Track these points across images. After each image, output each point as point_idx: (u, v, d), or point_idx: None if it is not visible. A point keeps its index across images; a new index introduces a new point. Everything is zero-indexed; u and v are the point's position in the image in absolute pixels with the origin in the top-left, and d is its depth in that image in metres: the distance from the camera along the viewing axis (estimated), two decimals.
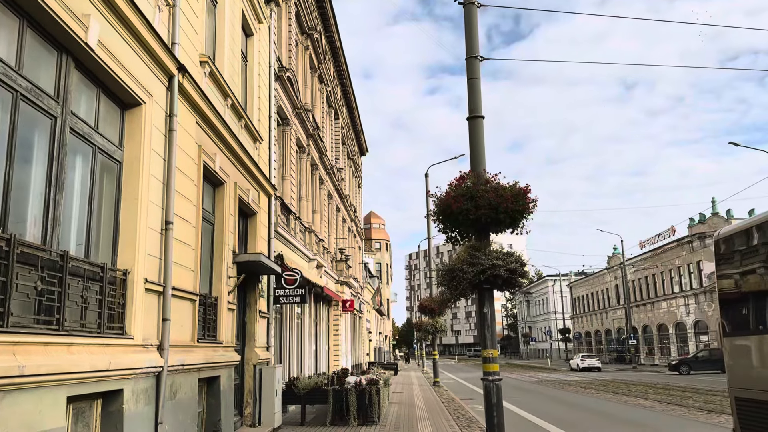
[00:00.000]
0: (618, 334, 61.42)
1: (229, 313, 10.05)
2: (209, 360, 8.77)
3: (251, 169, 11.41)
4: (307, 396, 12.92)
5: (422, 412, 15.86)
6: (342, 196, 26.87)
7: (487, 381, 8.55)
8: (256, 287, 11.93)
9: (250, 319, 11.78)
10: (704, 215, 44.62)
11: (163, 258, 7.22)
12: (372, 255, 62.50)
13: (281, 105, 15.02)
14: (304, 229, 17.65)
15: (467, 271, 8.44)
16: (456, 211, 8.46)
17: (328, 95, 23.83)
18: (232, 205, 10.31)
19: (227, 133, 9.76)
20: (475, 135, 9.16)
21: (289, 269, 13.54)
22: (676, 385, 25.88)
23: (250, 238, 12.05)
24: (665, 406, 16.92)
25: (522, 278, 8.77)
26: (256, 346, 11.73)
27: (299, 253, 16.39)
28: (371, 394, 12.92)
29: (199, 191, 8.59)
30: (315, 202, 19.97)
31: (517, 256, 8.68)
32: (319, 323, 20.86)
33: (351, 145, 32.51)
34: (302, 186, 17.96)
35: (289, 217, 15.53)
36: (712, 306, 43.35)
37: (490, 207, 8.37)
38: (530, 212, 8.71)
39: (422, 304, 28.21)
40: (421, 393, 22.46)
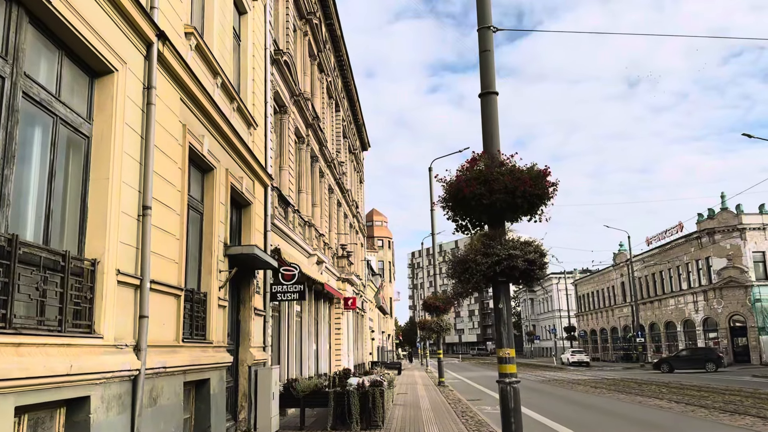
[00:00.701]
0: (624, 332, 60.53)
1: (220, 311, 9.24)
2: (197, 361, 7.96)
3: (245, 156, 10.61)
4: (307, 399, 12.11)
5: (428, 415, 15.04)
6: (343, 190, 26.05)
7: (503, 384, 7.72)
8: (250, 283, 11.12)
9: (245, 317, 10.97)
10: (713, 210, 43.70)
11: (139, 247, 6.41)
12: (374, 253, 61.69)
13: (278, 91, 14.21)
14: (303, 222, 16.84)
15: (481, 262, 7.61)
16: (468, 196, 7.63)
17: (329, 86, 23.00)
18: (223, 193, 9.50)
19: (217, 114, 8.95)
20: (488, 113, 8.32)
21: (287, 264, 12.73)
22: (689, 384, 25.02)
23: (244, 230, 11.24)
24: (684, 407, 16.08)
25: (541, 270, 7.92)
26: (251, 346, 10.92)
27: (298, 248, 15.59)
28: (374, 396, 12.11)
29: (183, 175, 7.78)
30: (315, 196, 19.15)
31: (536, 246, 7.84)
32: (320, 322, 20.05)
33: (352, 140, 31.68)
34: (301, 178, 17.15)
35: (287, 209, 14.72)
36: (721, 303, 42.48)
37: (506, 191, 7.54)
38: (550, 197, 7.88)
39: (427, 302, 27.37)
40: (427, 394, 21.65)
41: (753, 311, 40.60)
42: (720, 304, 42.60)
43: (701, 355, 37.29)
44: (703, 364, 36.04)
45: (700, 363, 36.33)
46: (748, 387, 22.51)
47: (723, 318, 42.40)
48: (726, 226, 42.58)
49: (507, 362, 7.80)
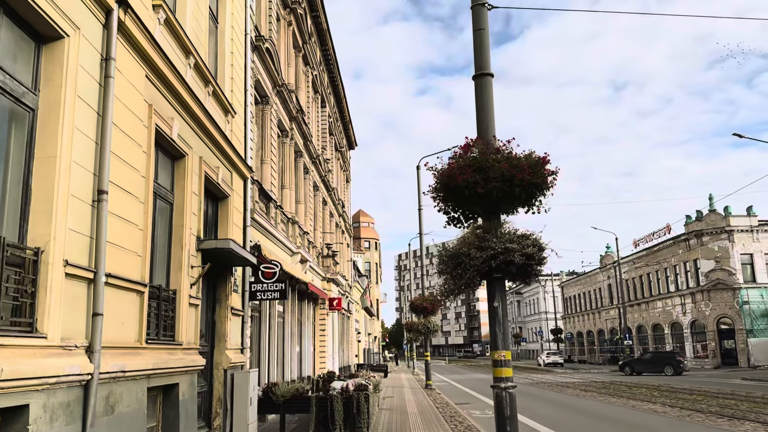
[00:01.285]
0: (611, 334, 60.30)
1: (192, 309, 8.54)
2: (163, 365, 7.25)
3: (221, 145, 9.91)
4: (287, 404, 11.41)
5: (416, 420, 14.40)
6: (329, 188, 25.36)
7: (498, 389, 7.10)
8: (227, 281, 10.41)
9: (221, 317, 10.27)
10: (701, 212, 43.53)
11: (94, 236, 5.70)
12: (361, 254, 61.01)
13: (260, 80, 13.52)
14: (286, 219, 16.14)
15: (475, 256, 6.99)
16: (461, 184, 7.01)
17: (314, 80, 22.32)
18: (196, 183, 8.79)
19: (189, 96, 8.25)
20: (482, 96, 7.70)
21: (268, 261, 12.03)
22: (680, 387, 24.62)
23: (221, 224, 10.53)
24: (678, 411, 15.57)
25: (540, 266, 7.31)
26: (227, 348, 10.22)
27: (280, 246, 14.89)
28: (359, 401, 11.44)
29: (149, 160, 7.07)
30: (299, 192, 18.46)
31: (534, 239, 7.22)
32: (304, 323, 19.34)
33: (339, 137, 30.99)
34: (284, 173, 16.45)
35: (269, 204, 14.02)
36: (709, 305, 42.29)
37: (503, 179, 6.93)
38: (549, 186, 7.28)
39: (414, 303, 26.74)
40: (414, 397, 21.00)
41: (741, 314, 40.44)
42: (708, 307, 42.41)
43: (662, 358, 38.06)
44: (662, 367, 36.82)
45: (659, 366, 37.13)
46: (741, 390, 22.12)
47: (711, 320, 42.20)
48: (714, 228, 42.43)
49: (502, 365, 7.18)
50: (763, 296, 40.69)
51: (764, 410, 14.99)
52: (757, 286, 41.00)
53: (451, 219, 7.86)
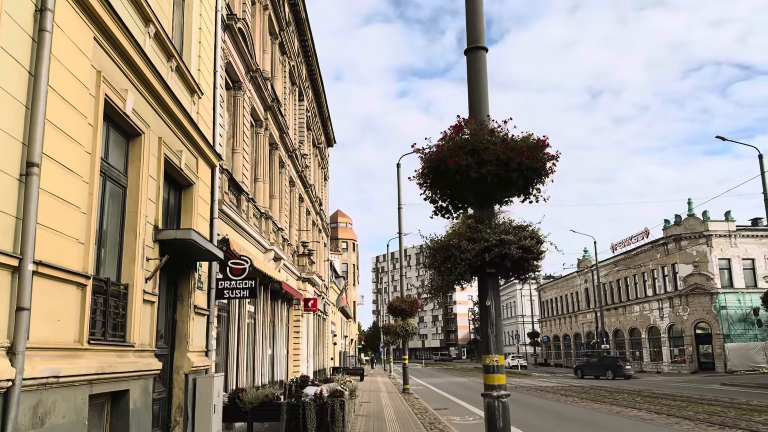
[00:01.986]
0: (588, 338, 60.19)
1: (147, 307, 7.63)
2: (110, 369, 6.34)
3: (185, 127, 9.01)
4: (256, 411, 10.53)
5: (394, 427, 13.60)
6: (306, 185, 24.46)
7: (490, 398, 6.33)
8: (190, 277, 9.51)
9: (182, 317, 9.35)
10: (680, 217, 43.50)
11: (21, 217, 4.81)
12: (338, 255, 60.06)
13: (231, 62, 12.63)
14: (259, 214, 15.23)
15: (466, 249, 6.22)
16: (452, 168, 6.24)
17: (291, 70, 21.43)
18: (154, 166, 7.90)
19: (147, 68, 7.36)
20: (475, 72, 6.95)
21: (237, 257, 11.14)
22: (661, 393, 24.18)
23: (184, 214, 9.62)
24: (666, 418, 15.00)
25: (537, 260, 6.57)
26: (189, 351, 9.31)
27: (252, 241, 13.98)
28: (334, 408, 10.61)
29: (95, 134, 6.17)
30: (274, 186, 17.55)
31: (532, 231, 6.48)
32: (277, 324, 18.42)
33: (317, 133, 30.10)
34: (258, 165, 15.54)
35: (240, 197, 13.12)
36: (687, 310, 42.24)
37: (499, 163, 6.18)
38: (549, 173, 6.55)
39: (392, 305, 25.95)
40: (391, 402, 20.20)
41: (718, 318, 40.42)
42: (685, 311, 42.35)
43: (605, 363, 39.93)
44: (605, 370, 38.86)
45: (602, 370, 39.28)
46: (723, 396, 21.75)
47: (688, 325, 42.14)
48: (692, 233, 42.40)
49: (495, 371, 6.42)
50: (740, 301, 40.73)
51: (754, 417, 14.49)
52: (735, 291, 41.04)
53: (438, 209, 7.08)
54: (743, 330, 40.19)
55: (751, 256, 42.00)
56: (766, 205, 26.39)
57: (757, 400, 19.50)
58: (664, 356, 44.80)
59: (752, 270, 41.92)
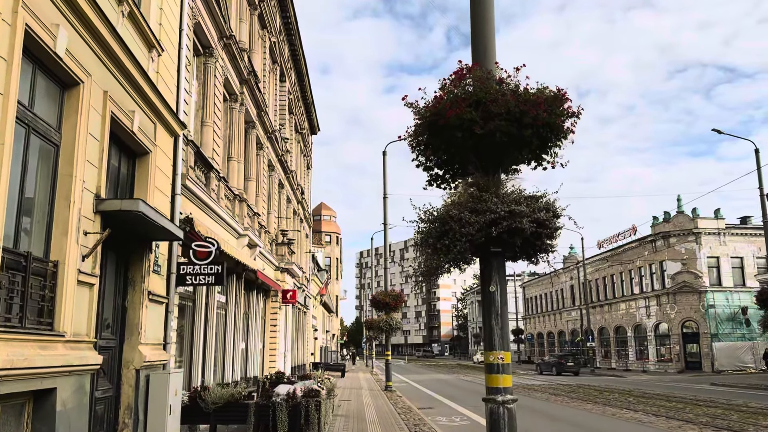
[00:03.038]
0: (572, 336, 59.58)
1: (84, 290, 6.40)
2: (27, 363, 5.14)
3: (140, 85, 7.78)
4: (219, 412, 9.34)
5: (375, 429, 12.49)
6: (287, 170, 23.18)
7: (493, 403, 5.23)
8: (144, 258, 8.28)
9: (134, 303, 8.13)
10: (669, 213, 42.86)
11: None
12: (321, 248, 58.81)
13: (201, 24, 11.37)
14: (233, 196, 13.98)
15: (468, 222, 5.09)
16: (453, 122, 5.11)
17: (272, 47, 20.13)
18: (96, 124, 6.66)
19: (87, 4, 6.12)
20: (481, 9, 5.80)
21: (202, 238, 9.92)
22: (652, 392, 23.34)
23: (138, 186, 8.38)
24: (666, 422, 14.02)
25: (551, 239, 5.46)
26: (141, 343, 8.09)
27: (223, 225, 12.75)
28: (309, 409, 9.46)
29: (9, 70, 4.94)
30: (250, 168, 16.30)
31: (547, 202, 5.38)
32: (252, 316, 17.19)
33: (300, 118, 28.79)
34: (232, 143, 14.29)
35: (209, 175, 11.88)
36: (675, 308, 41.63)
37: (510, 117, 5.06)
38: (567, 133, 5.44)
39: (376, 298, 24.87)
40: (373, 401, 19.08)
41: (706, 317, 39.84)
42: (673, 310, 41.73)
43: (552, 362, 43.06)
44: (559, 368, 41.18)
45: (549, 367, 42.43)
46: (718, 397, 20.93)
47: (676, 323, 41.54)
48: (681, 230, 41.77)
49: (500, 371, 5.31)
50: (728, 300, 40.18)
51: (760, 422, 13.58)
52: (723, 289, 40.49)
53: (434, 177, 5.94)
54: (731, 329, 39.66)
55: (740, 254, 41.48)
56: (761, 201, 25.63)
57: (755, 402, 18.67)
58: (650, 355, 44.20)
59: (741, 269, 41.40)
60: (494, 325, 5.31)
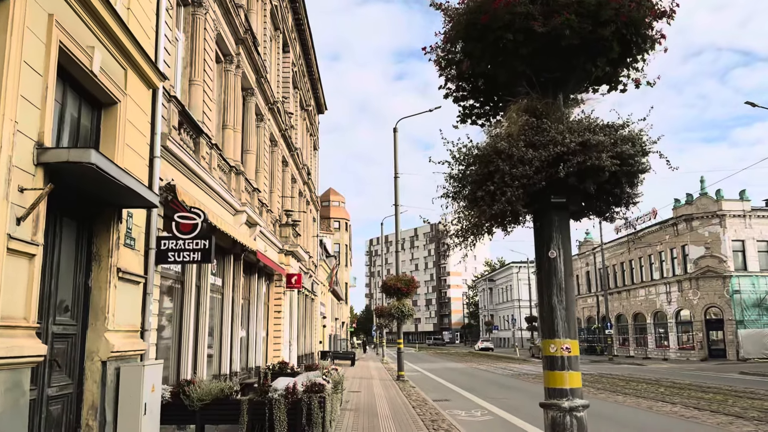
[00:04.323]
0: (588, 323, 58.01)
1: (20, 261, 5.03)
2: None
3: (103, 18, 6.37)
4: (207, 411, 7.98)
5: (388, 426, 11.13)
6: (291, 147, 21.73)
7: (557, 410, 3.81)
8: (112, 229, 6.90)
9: (99, 282, 6.76)
10: (692, 195, 41.04)
11: None
12: (330, 234, 57.48)
13: None
14: (228, 168, 12.58)
15: (523, 158, 3.64)
16: (500, 18, 3.64)
17: (274, 12, 18.61)
18: (36, 52, 5.26)
19: None
20: None
21: (186, 209, 8.52)
22: (681, 382, 21.86)
23: (104, 142, 6.99)
24: (713, 416, 12.57)
25: (633, 186, 3.98)
26: (109, 329, 6.74)
27: (216, 198, 11.36)
28: (311, 407, 8.08)
29: None
30: (249, 140, 14.88)
31: (630, 131, 3.90)
32: (253, 302, 15.85)
33: (305, 95, 27.29)
34: (228, 110, 12.88)
35: (198, 140, 10.47)
36: (697, 294, 39.96)
37: (583, 10, 3.59)
38: (656, 40, 3.96)
39: (387, 284, 23.48)
40: (384, 392, 17.75)
41: (731, 303, 38.15)
42: (696, 295, 40.06)
43: None
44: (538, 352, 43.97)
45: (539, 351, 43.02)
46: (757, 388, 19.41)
47: (698, 310, 39.88)
48: (705, 213, 39.98)
49: (564, 366, 3.85)
50: (754, 285, 38.45)
51: None
52: (749, 274, 38.74)
53: (468, 111, 4.51)
54: (757, 316, 37.93)
55: (766, 237, 39.65)
56: None
57: None
58: (671, 342, 42.59)
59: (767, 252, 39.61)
60: (556, 303, 3.87)
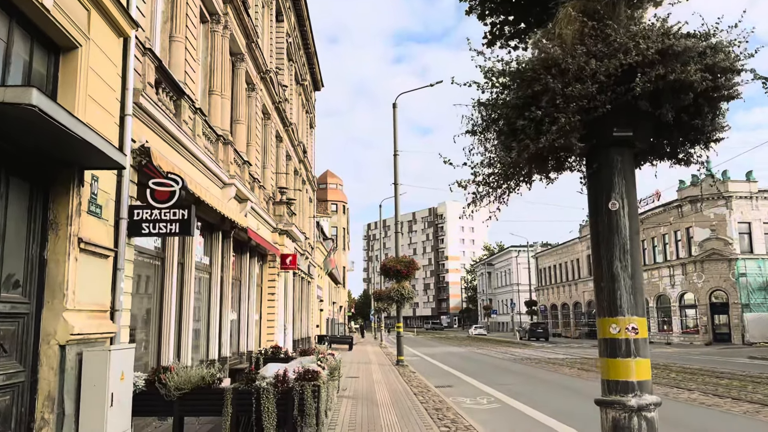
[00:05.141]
0: (588, 307, 57.42)
1: None
2: None
3: None
4: (186, 401, 7.07)
5: (389, 415, 10.28)
6: (286, 122, 20.69)
7: (619, 409, 2.89)
8: (72, 192, 5.95)
9: (56, 255, 5.83)
10: (697, 177, 40.10)
11: None
12: (327, 217, 56.49)
13: None
14: (215, 136, 11.60)
15: (581, 72, 2.67)
16: None
17: None
18: None
19: None
20: None
21: (162, 174, 7.56)
22: (692, 367, 21.09)
23: (63, 92, 6.01)
24: (738, 405, 11.75)
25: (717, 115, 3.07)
26: (69, 309, 5.82)
27: (201, 168, 10.39)
28: (304, 397, 7.18)
29: None
30: (239, 109, 13.87)
31: (718, 43, 2.95)
32: (245, 283, 14.95)
33: (301, 69, 26.18)
34: (214, 74, 11.87)
35: (179, 102, 9.47)
36: (702, 277, 39.19)
37: None
38: None
39: (386, 266, 22.59)
40: (384, 378, 16.92)
41: (737, 286, 37.43)
42: (700, 279, 39.31)
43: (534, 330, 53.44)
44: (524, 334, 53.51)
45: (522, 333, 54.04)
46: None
47: (703, 293, 39.15)
48: (710, 194, 39.10)
49: (630, 352, 2.92)
50: (761, 268, 37.69)
51: None
52: (755, 257, 37.98)
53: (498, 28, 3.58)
54: (763, 299, 37.21)
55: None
56: None
57: None
58: (675, 326, 41.94)
59: None
60: (618, 270, 2.94)
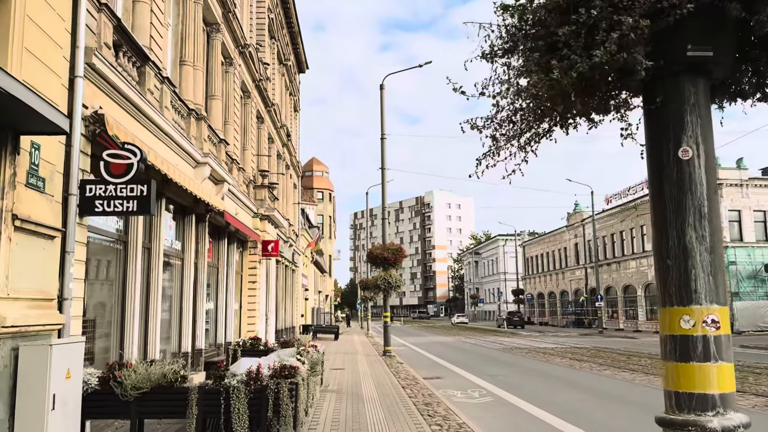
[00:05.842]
0: (576, 295, 57.10)
1: None
2: None
3: None
4: (145, 402, 6.22)
5: (375, 412, 9.51)
6: (268, 102, 19.71)
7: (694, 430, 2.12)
8: (3, 158, 5.05)
9: None
10: None
11: None
12: (314, 205, 55.57)
13: None
14: (186, 111, 10.66)
15: None
16: None
17: None
18: None
19: None
20: None
21: (117, 144, 6.65)
22: None
23: None
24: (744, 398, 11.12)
25: None
26: (1, 296, 4.94)
27: (170, 144, 9.47)
28: (279, 396, 6.37)
29: None
30: (214, 83, 12.92)
31: None
32: (222, 270, 14.06)
33: (284, 48, 25.12)
34: (185, 42, 10.93)
35: (143, 69, 8.54)
36: None
37: None
38: None
39: (372, 253, 21.80)
40: (370, 369, 16.16)
41: (726, 275, 37.12)
42: None
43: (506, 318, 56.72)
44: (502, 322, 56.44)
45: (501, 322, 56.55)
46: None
47: None
48: None
49: (707, 355, 2.17)
50: (750, 256, 37.41)
51: None
52: (745, 245, 37.65)
53: None
54: (753, 287, 36.97)
55: (763, 207, 38.46)
56: None
57: None
58: None
59: (764, 223, 38.45)
60: (693, 241, 2.16)
